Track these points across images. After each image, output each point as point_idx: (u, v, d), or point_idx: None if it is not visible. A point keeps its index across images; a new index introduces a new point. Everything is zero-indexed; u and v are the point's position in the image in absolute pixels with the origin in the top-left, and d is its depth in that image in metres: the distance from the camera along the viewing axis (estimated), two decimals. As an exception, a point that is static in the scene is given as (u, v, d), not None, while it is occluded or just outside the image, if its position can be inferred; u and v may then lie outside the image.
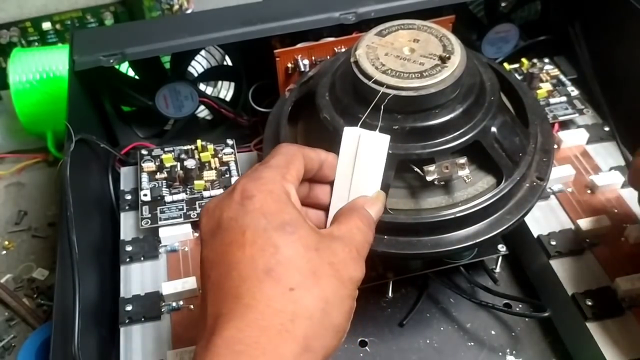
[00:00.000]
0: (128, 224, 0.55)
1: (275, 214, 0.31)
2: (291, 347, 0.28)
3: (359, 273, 0.33)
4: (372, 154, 0.38)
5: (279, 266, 0.29)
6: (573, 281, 0.48)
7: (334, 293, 0.31)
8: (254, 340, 0.28)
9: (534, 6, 0.74)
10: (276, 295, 0.29)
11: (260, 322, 0.28)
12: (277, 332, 0.28)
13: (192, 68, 0.68)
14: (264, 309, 0.28)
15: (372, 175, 0.38)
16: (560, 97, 0.65)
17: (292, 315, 0.29)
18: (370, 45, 0.43)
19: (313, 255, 0.31)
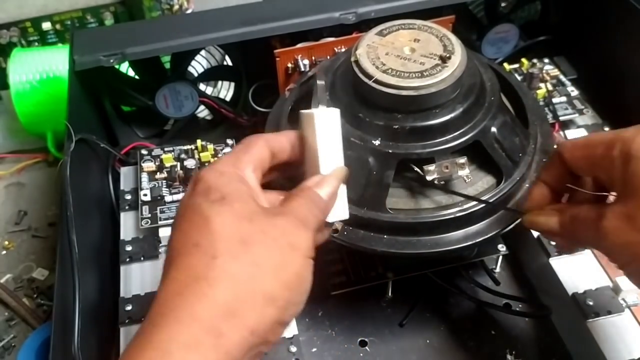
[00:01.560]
0: (128, 224, 0.55)
1: (215, 189, 0.32)
2: (209, 309, 0.29)
3: (302, 240, 0.33)
4: (327, 130, 0.38)
5: (205, 238, 0.30)
6: (573, 281, 0.48)
7: (268, 259, 0.31)
8: (171, 308, 0.29)
9: (534, 6, 0.74)
10: (198, 265, 0.30)
11: (179, 290, 0.29)
12: (195, 296, 0.29)
13: (192, 68, 0.68)
14: (184, 278, 0.30)
15: (326, 151, 0.37)
16: (560, 97, 0.65)
17: (212, 281, 0.29)
18: (371, 45, 0.44)
19: (244, 224, 0.31)
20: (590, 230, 0.35)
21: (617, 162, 0.34)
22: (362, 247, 0.43)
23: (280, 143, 0.38)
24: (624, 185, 0.34)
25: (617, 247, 0.34)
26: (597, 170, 0.37)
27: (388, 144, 0.42)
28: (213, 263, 0.30)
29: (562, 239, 0.41)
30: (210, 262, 0.30)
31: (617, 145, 0.34)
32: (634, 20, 0.61)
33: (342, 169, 0.38)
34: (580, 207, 0.37)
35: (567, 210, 0.39)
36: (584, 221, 0.36)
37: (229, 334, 0.29)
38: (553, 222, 0.39)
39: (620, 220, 0.33)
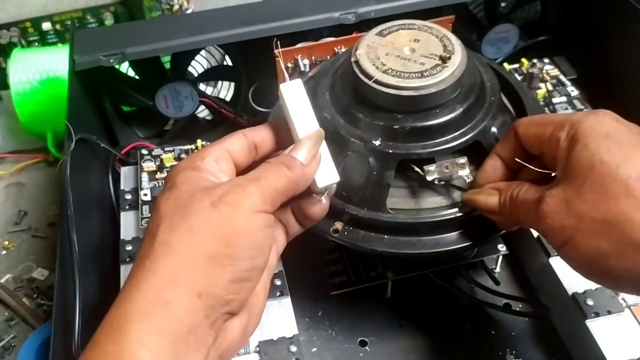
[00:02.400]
0: (128, 224, 0.55)
1: (169, 181, 0.34)
2: (152, 283, 0.30)
3: (242, 196, 0.32)
4: (294, 98, 0.38)
5: (153, 223, 0.32)
6: (573, 281, 0.48)
7: (204, 222, 0.31)
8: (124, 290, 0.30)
9: (534, 6, 0.74)
10: (145, 247, 0.32)
11: (132, 273, 0.31)
12: (141, 274, 0.30)
13: (192, 68, 0.68)
14: (136, 262, 0.32)
15: (303, 117, 0.38)
16: (560, 97, 0.65)
17: (153, 257, 0.31)
18: (371, 45, 0.44)
19: (184, 200, 0.32)
20: (529, 212, 0.36)
21: (562, 144, 0.35)
22: (362, 247, 0.43)
23: (260, 133, 0.39)
24: (565, 169, 0.34)
25: (553, 230, 0.34)
26: (545, 150, 0.37)
27: (388, 144, 0.42)
28: (154, 241, 0.31)
29: (502, 218, 0.40)
30: (152, 240, 0.31)
31: (565, 127, 0.35)
32: (634, 20, 0.61)
33: (317, 131, 0.38)
34: (520, 188, 0.38)
35: (506, 190, 0.39)
36: (523, 203, 0.37)
37: (175, 301, 0.29)
38: (492, 201, 0.40)
39: (558, 204, 0.34)
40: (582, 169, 0.33)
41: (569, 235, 0.33)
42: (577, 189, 0.33)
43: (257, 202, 0.32)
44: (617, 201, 0.32)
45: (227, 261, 0.31)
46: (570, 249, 0.34)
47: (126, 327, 0.28)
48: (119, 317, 0.29)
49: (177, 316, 0.29)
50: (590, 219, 0.32)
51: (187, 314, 0.29)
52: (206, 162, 0.35)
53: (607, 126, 0.34)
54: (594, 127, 0.34)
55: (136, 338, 0.28)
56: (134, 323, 0.29)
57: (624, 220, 0.31)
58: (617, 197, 0.32)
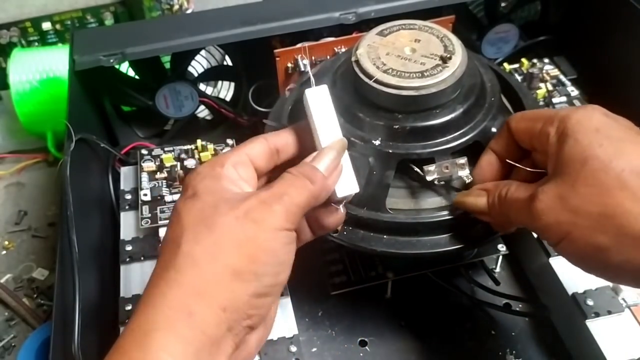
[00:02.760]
0: (128, 224, 0.55)
1: (190, 188, 0.34)
2: (178, 293, 0.30)
3: (268, 214, 0.32)
4: (319, 105, 0.38)
5: (175, 231, 0.32)
6: (573, 281, 0.48)
7: (229, 237, 0.32)
8: (149, 297, 0.31)
9: (534, 6, 0.74)
10: (169, 256, 0.32)
11: (155, 282, 0.32)
12: (165, 283, 0.31)
13: (192, 68, 0.68)
14: (159, 271, 0.32)
15: (327, 125, 0.38)
16: (560, 97, 0.65)
17: (178, 267, 0.31)
18: (372, 45, 0.44)
19: (208, 211, 0.32)
20: (521, 211, 0.36)
21: (552, 139, 0.35)
22: (362, 247, 0.43)
23: (282, 138, 0.38)
24: (556, 164, 0.34)
25: (549, 226, 0.34)
26: (536, 145, 0.37)
27: (388, 144, 0.42)
28: (179, 251, 0.31)
29: (492, 219, 0.40)
30: (176, 250, 0.31)
31: (554, 122, 0.35)
32: (634, 20, 0.61)
33: (341, 141, 0.38)
34: (509, 187, 0.37)
35: (494, 190, 0.39)
36: (514, 202, 0.37)
37: (200, 313, 0.30)
38: (481, 202, 0.39)
39: (552, 200, 0.34)
40: (574, 163, 0.33)
41: (566, 230, 0.33)
42: (570, 184, 0.33)
43: (281, 221, 0.33)
44: (612, 194, 0.32)
45: (251, 277, 0.31)
46: (568, 245, 0.34)
47: (152, 334, 0.29)
48: (145, 324, 0.30)
49: (202, 327, 0.30)
50: (586, 213, 0.32)
51: (211, 326, 0.30)
52: (226, 168, 0.35)
53: (596, 120, 0.34)
54: (583, 122, 0.34)
55: (162, 346, 0.29)
56: (159, 331, 0.29)
57: (621, 212, 0.32)
58: (612, 190, 0.32)
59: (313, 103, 0.38)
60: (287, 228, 0.33)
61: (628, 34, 0.63)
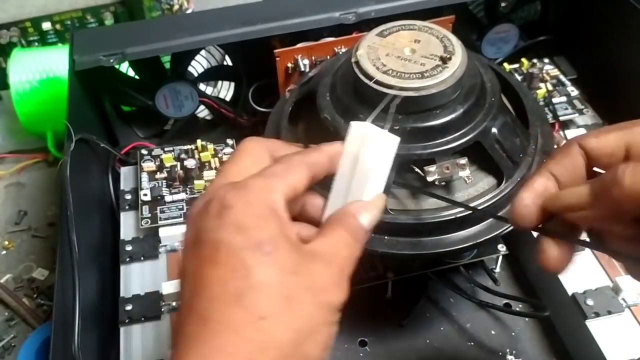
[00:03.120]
0: (128, 224, 0.55)
1: (252, 229, 0.28)
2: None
3: (341, 297, 0.30)
4: (378, 155, 0.34)
5: (250, 292, 0.27)
6: (573, 281, 0.48)
7: (309, 321, 0.29)
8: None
9: (534, 6, 0.74)
10: (245, 324, 0.27)
11: (227, 349, 0.27)
12: (244, 359, 0.27)
13: (192, 68, 0.68)
14: (231, 336, 0.27)
15: (374, 178, 0.34)
16: (560, 97, 0.65)
17: (260, 345, 0.27)
18: (371, 46, 0.44)
19: (289, 280, 0.28)
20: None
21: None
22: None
23: (322, 165, 0.34)
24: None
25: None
26: (636, 152, 0.30)
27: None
28: (261, 325, 0.27)
29: (598, 210, 0.30)
30: (257, 322, 0.27)
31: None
32: (634, 20, 0.61)
33: (384, 198, 0.34)
34: (627, 166, 0.28)
35: (600, 177, 0.30)
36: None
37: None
38: (580, 192, 0.30)
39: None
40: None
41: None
42: None
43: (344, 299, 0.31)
44: None
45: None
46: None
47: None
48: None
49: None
50: None
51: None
52: (278, 204, 0.30)
53: None
54: None
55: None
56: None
57: None
58: None
59: (372, 146, 0.33)
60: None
61: (628, 34, 0.63)
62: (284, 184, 0.31)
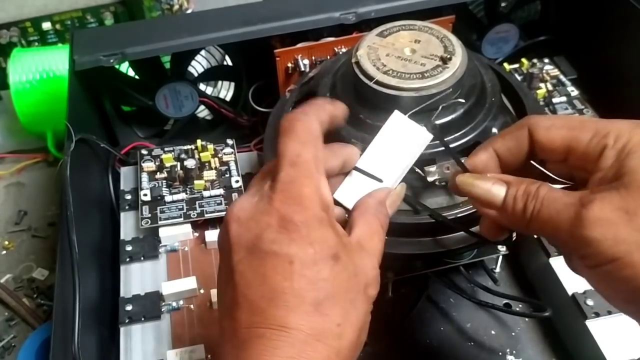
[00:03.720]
0: (128, 224, 0.55)
1: (321, 242, 0.30)
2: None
3: (379, 288, 0.33)
4: (408, 146, 0.37)
5: (327, 300, 0.30)
6: (573, 281, 0.48)
7: (364, 317, 0.31)
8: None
9: (534, 6, 0.75)
10: (325, 330, 0.29)
11: (311, 354, 0.29)
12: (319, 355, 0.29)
13: (192, 68, 0.68)
14: (313, 342, 0.29)
15: (401, 167, 0.37)
16: (560, 97, 0.65)
17: (338, 349, 0.29)
18: (372, 46, 0.44)
19: (353, 282, 0.31)
20: (562, 215, 0.31)
21: (609, 152, 0.31)
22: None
23: (334, 167, 0.36)
24: (617, 178, 0.30)
25: (602, 242, 0.29)
26: (576, 157, 0.33)
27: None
28: (338, 331, 0.30)
29: (506, 218, 0.34)
30: (335, 329, 0.30)
31: (610, 135, 0.31)
32: (634, 21, 0.61)
33: (405, 188, 0.37)
34: (540, 185, 0.32)
35: (518, 185, 0.33)
36: (554, 202, 0.31)
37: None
38: (497, 194, 0.34)
39: (614, 212, 0.29)
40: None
41: (624, 251, 0.28)
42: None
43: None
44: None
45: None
46: (619, 268, 0.29)
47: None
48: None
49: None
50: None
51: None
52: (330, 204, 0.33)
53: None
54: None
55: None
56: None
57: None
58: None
59: (407, 138, 0.38)
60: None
61: (628, 34, 0.63)
62: (323, 176, 0.32)
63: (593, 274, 0.31)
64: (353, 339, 0.30)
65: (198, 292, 0.50)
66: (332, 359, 0.29)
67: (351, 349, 0.30)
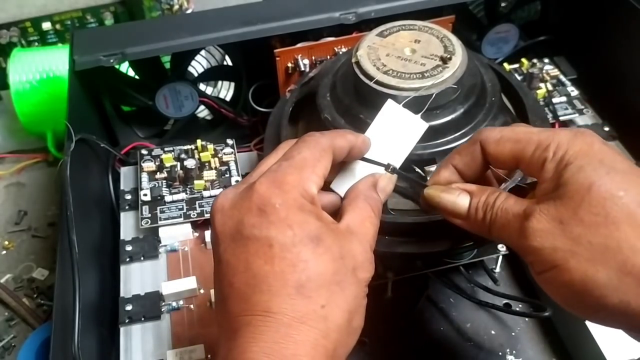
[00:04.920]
0: (128, 224, 0.55)
1: (301, 224, 0.31)
2: (324, 359, 0.30)
3: (372, 271, 0.33)
4: (405, 135, 0.38)
5: (310, 282, 0.30)
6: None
7: (355, 300, 0.32)
8: (292, 352, 0.29)
9: (534, 6, 0.74)
10: (308, 313, 0.29)
11: (296, 337, 0.29)
12: (312, 346, 0.29)
13: (192, 68, 0.68)
14: (298, 325, 0.29)
15: (396, 156, 0.38)
16: (560, 97, 0.65)
17: (324, 332, 0.30)
18: (372, 46, 0.44)
19: (338, 265, 0.31)
20: (510, 226, 0.33)
21: (549, 165, 0.32)
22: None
23: (342, 149, 0.36)
24: (555, 189, 0.31)
25: (541, 251, 0.31)
26: (523, 168, 0.35)
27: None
28: (323, 312, 0.30)
29: (467, 224, 0.36)
30: (319, 311, 0.30)
31: (550, 148, 0.32)
32: (634, 21, 0.61)
33: (396, 176, 0.38)
34: (498, 195, 0.34)
35: (480, 194, 0.35)
36: (504, 213, 0.33)
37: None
38: (461, 204, 0.36)
39: (550, 223, 0.31)
40: (578, 188, 0.30)
41: (561, 258, 0.30)
42: (573, 209, 0.30)
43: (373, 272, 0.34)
44: (619, 227, 0.29)
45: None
46: (558, 275, 0.31)
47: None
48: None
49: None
50: (587, 243, 0.30)
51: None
52: (314, 191, 0.33)
53: (597, 149, 0.32)
54: (585, 150, 0.32)
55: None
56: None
57: (627, 247, 0.29)
58: (620, 222, 0.29)
59: (403, 127, 0.39)
60: None
61: (628, 34, 0.63)
62: (315, 175, 0.33)
63: (540, 280, 0.32)
64: (341, 321, 0.30)
65: (198, 292, 0.50)
66: (319, 341, 0.29)
67: (341, 332, 0.30)
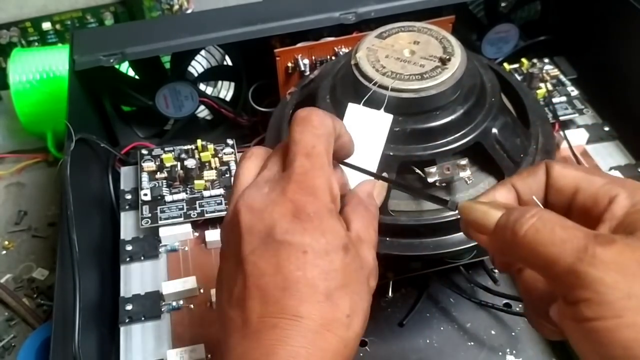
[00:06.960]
0: (128, 224, 0.55)
1: (333, 233, 0.31)
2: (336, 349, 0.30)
3: (377, 279, 0.34)
4: (373, 133, 0.38)
5: (338, 291, 0.30)
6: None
7: (368, 308, 0.32)
8: (317, 359, 0.29)
9: (534, 6, 0.74)
10: (335, 320, 0.30)
11: (322, 344, 0.29)
12: (334, 353, 0.29)
13: (192, 68, 0.68)
14: (324, 332, 0.29)
15: (371, 154, 0.38)
16: (560, 97, 0.65)
17: (346, 340, 0.30)
18: (371, 48, 0.44)
19: (360, 274, 0.32)
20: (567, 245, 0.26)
21: (623, 201, 0.28)
22: (362, 248, 0.43)
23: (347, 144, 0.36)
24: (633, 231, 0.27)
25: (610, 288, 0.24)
26: (583, 196, 0.31)
27: (389, 146, 0.42)
28: (348, 323, 0.30)
29: (492, 245, 0.31)
30: (344, 320, 0.30)
31: (624, 185, 0.29)
32: (634, 21, 0.61)
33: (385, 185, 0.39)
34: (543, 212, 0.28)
35: (519, 208, 0.30)
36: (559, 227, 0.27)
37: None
38: (491, 217, 0.30)
39: (634, 262, 0.25)
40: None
41: (635, 308, 0.24)
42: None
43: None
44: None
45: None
46: (620, 327, 0.24)
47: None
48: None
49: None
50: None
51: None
52: (337, 194, 0.33)
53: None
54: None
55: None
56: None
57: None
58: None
59: (369, 126, 0.39)
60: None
61: (628, 34, 0.63)
62: (330, 167, 0.33)
63: (579, 329, 0.25)
64: (359, 330, 0.31)
65: (198, 292, 0.50)
66: (340, 350, 0.30)
67: (356, 341, 0.31)
